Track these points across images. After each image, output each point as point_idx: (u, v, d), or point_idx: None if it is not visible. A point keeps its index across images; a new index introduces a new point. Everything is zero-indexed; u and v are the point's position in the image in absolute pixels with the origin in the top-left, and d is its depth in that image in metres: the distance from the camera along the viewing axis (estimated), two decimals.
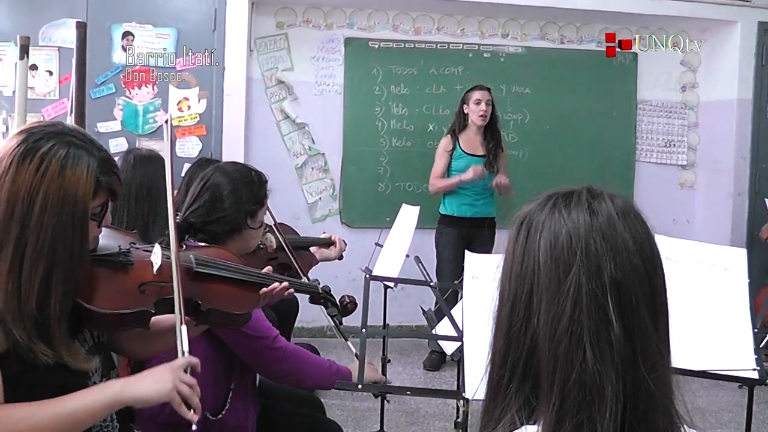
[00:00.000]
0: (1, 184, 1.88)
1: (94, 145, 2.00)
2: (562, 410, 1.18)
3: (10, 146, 1.92)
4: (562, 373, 1.19)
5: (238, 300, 2.38)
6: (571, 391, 1.18)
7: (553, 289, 1.22)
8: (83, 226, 1.94)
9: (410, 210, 4.64)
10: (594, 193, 1.29)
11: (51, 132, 1.95)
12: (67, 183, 1.90)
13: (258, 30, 6.91)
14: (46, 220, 1.86)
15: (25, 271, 1.85)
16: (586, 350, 1.18)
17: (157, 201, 3.56)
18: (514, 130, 7.25)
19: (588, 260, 1.21)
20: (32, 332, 1.84)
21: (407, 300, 6.55)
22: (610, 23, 7.27)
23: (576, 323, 1.19)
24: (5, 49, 6.14)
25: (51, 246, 1.87)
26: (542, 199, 1.33)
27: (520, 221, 1.33)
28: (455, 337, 2.99)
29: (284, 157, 7.01)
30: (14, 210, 1.86)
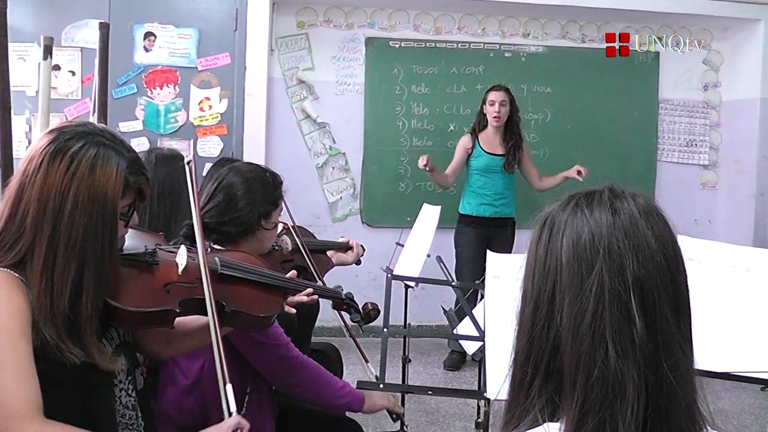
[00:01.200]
0: (32, 182, 1.90)
1: (123, 146, 2.02)
2: (584, 408, 1.19)
3: (41, 145, 1.94)
4: (585, 370, 1.19)
5: (262, 303, 2.39)
6: (593, 389, 1.18)
7: (576, 287, 1.22)
8: (113, 225, 1.96)
9: (431, 209, 4.62)
10: (616, 192, 1.30)
11: (81, 132, 1.97)
12: (97, 182, 1.92)
13: (279, 30, 6.93)
14: (77, 219, 1.89)
15: (57, 269, 1.87)
16: (608, 348, 1.18)
17: (179, 200, 3.57)
18: (534, 130, 7.24)
19: (611, 258, 1.21)
20: (63, 331, 1.86)
21: (427, 300, 6.54)
22: (632, 22, 7.24)
23: (599, 321, 1.19)
24: (28, 49, 6.19)
25: (82, 245, 1.89)
26: (564, 200, 1.33)
27: (542, 221, 1.34)
28: (477, 337, 2.99)
29: (305, 157, 7.02)
30: (46, 208, 1.88)
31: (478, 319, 3.05)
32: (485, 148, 6.19)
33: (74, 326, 1.89)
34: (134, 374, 2.27)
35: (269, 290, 2.46)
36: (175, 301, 2.11)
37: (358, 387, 2.92)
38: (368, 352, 6.17)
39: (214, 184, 2.96)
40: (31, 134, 6.20)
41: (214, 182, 2.98)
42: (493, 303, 2.74)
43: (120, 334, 2.18)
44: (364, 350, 3.64)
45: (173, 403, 2.82)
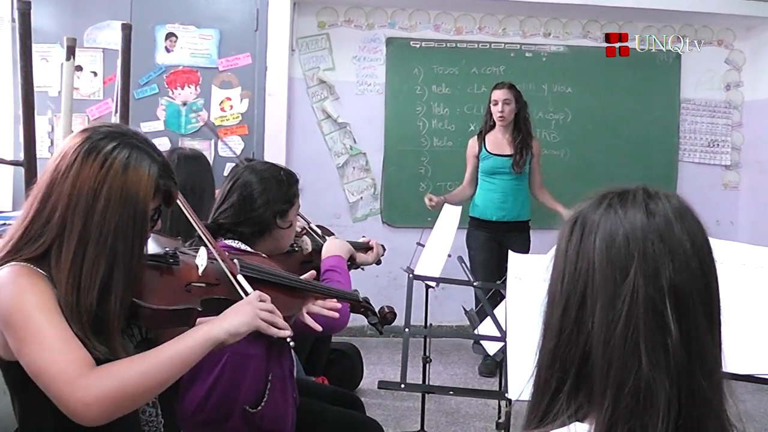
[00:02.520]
0: (63, 179, 1.92)
1: (154, 150, 2.05)
2: (614, 416, 1.17)
3: (74, 143, 1.96)
4: (616, 378, 1.17)
5: (282, 303, 2.40)
6: (624, 398, 1.16)
7: (609, 292, 1.20)
8: (143, 225, 1.98)
9: (452, 210, 4.63)
10: (650, 192, 1.27)
11: (114, 132, 2.00)
12: (130, 182, 1.94)
13: (300, 30, 6.94)
14: (109, 217, 1.91)
15: (86, 265, 1.88)
16: (641, 356, 1.16)
17: (201, 199, 3.59)
18: (555, 130, 7.21)
19: (646, 263, 1.19)
20: (88, 327, 1.87)
21: (447, 300, 6.54)
22: (653, 21, 7.21)
23: (632, 328, 1.17)
24: (51, 50, 6.23)
25: (113, 243, 1.91)
26: (596, 199, 1.30)
27: (573, 220, 1.30)
28: (498, 338, 2.98)
29: (325, 157, 7.03)
30: (77, 204, 1.90)
31: (499, 319, 3.05)
32: (491, 149, 6.09)
33: (100, 324, 1.90)
34: None
35: (288, 292, 2.50)
36: (196, 300, 2.15)
37: (380, 387, 2.91)
38: (388, 351, 6.21)
39: (229, 183, 2.97)
40: (53, 134, 6.24)
41: (229, 181, 2.98)
42: (514, 303, 2.74)
43: (141, 332, 2.20)
44: (384, 350, 3.64)
45: (195, 399, 2.83)
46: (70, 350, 1.79)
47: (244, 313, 2.05)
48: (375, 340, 6.53)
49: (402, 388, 2.80)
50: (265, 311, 2.08)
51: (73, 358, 1.79)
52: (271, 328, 2.09)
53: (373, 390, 5.56)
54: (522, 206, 6.15)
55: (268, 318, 2.08)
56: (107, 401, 1.75)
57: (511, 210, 6.09)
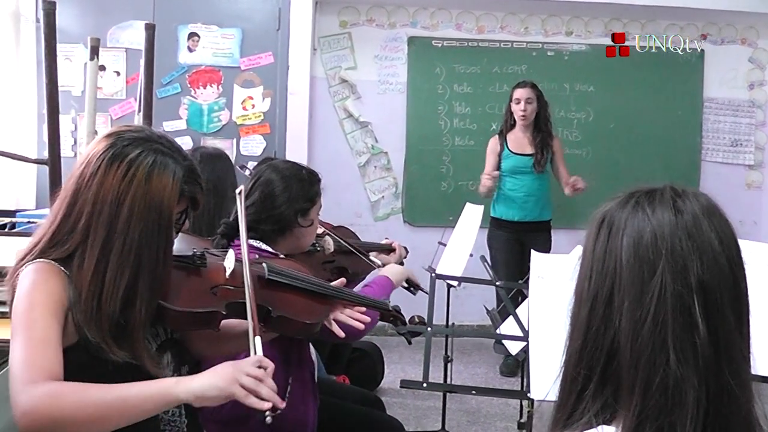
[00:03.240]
0: (88, 186, 1.92)
1: (180, 154, 2.04)
2: (642, 414, 1.16)
3: (98, 149, 1.96)
4: (644, 376, 1.17)
5: (308, 310, 2.39)
6: (652, 395, 1.16)
7: (637, 289, 1.19)
8: (168, 233, 1.98)
9: (474, 209, 4.61)
10: (678, 191, 1.27)
11: (139, 138, 1.99)
12: (154, 190, 1.94)
13: (321, 29, 6.95)
14: (133, 226, 1.91)
15: (109, 274, 1.88)
16: (669, 353, 1.15)
17: (223, 198, 3.60)
18: (577, 129, 7.19)
19: (674, 260, 1.18)
20: (108, 333, 1.88)
21: (469, 299, 6.53)
22: (676, 20, 7.16)
23: (660, 325, 1.17)
24: (74, 49, 6.26)
25: (137, 251, 1.91)
26: (623, 197, 1.30)
27: (600, 219, 1.30)
28: (520, 337, 2.98)
29: (347, 156, 7.04)
30: (101, 213, 1.90)
31: (521, 318, 3.04)
32: (513, 148, 6.07)
33: (124, 330, 1.91)
34: (180, 372, 2.28)
35: (316, 298, 2.46)
36: (221, 304, 2.13)
37: (402, 386, 2.92)
38: (410, 351, 6.20)
39: (251, 181, 2.98)
40: (76, 133, 6.28)
41: (251, 180, 2.99)
42: (537, 303, 2.74)
43: (166, 332, 2.20)
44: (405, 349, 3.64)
45: None
46: (40, 355, 1.76)
47: (221, 375, 1.83)
48: (396, 339, 6.52)
49: (424, 387, 2.80)
50: (251, 378, 1.84)
51: (37, 363, 1.75)
52: (251, 397, 1.85)
53: (394, 389, 5.57)
54: (543, 206, 6.13)
55: (249, 385, 1.83)
56: (38, 417, 1.68)
57: (532, 210, 6.07)
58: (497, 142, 6.16)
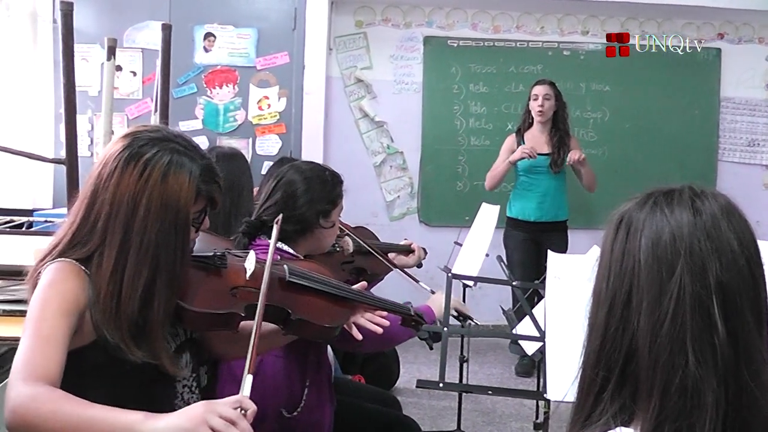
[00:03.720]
0: (105, 186, 1.93)
1: (197, 153, 2.04)
2: (660, 416, 1.16)
3: (115, 149, 1.96)
4: (663, 377, 1.16)
5: (329, 313, 2.37)
6: (671, 397, 1.15)
7: (655, 290, 1.19)
8: (185, 232, 1.98)
9: (490, 209, 4.61)
10: (696, 191, 1.26)
11: (156, 138, 1.99)
12: (170, 190, 1.94)
13: (337, 29, 6.95)
14: (149, 226, 1.91)
15: (127, 274, 1.89)
16: (688, 355, 1.15)
17: (239, 197, 3.61)
18: (593, 129, 7.17)
19: (692, 261, 1.18)
20: (127, 333, 1.88)
21: (484, 299, 6.52)
22: (693, 18, 7.13)
23: (679, 326, 1.16)
24: (90, 50, 6.29)
25: (154, 251, 1.91)
26: (641, 198, 1.29)
27: (618, 220, 1.29)
28: (537, 337, 2.98)
29: (363, 156, 7.05)
30: (118, 213, 1.90)
31: (537, 319, 3.04)
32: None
33: (142, 330, 1.92)
34: (199, 372, 2.29)
35: (337, 301, 2.44)
36: (240, 305, 2.12)
37: (418, 386, 2.92)
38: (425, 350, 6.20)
39: (273, 181, 2.97)
40: (92, 133, 6.31)
41: (273, 180, 2.98)
42: (553, 303, 2.73)
43: (185, 332, 2.20)
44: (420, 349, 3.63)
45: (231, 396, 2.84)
46: (41, 353, 1.76)
47: (188, 416, 1.70)
48: (411, 339, 6.52)
49: (440, 387, 2.80)
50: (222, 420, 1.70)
51: (36, 362, 1.75)
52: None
53: (409, 389, 5.57)
54: (560, 206, 6.10)
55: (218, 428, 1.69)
56: (19, 417, 1.67)
57: (549, 210, 6.04)
58: (513, 140, 6.13)
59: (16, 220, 4.37)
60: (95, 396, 1.89)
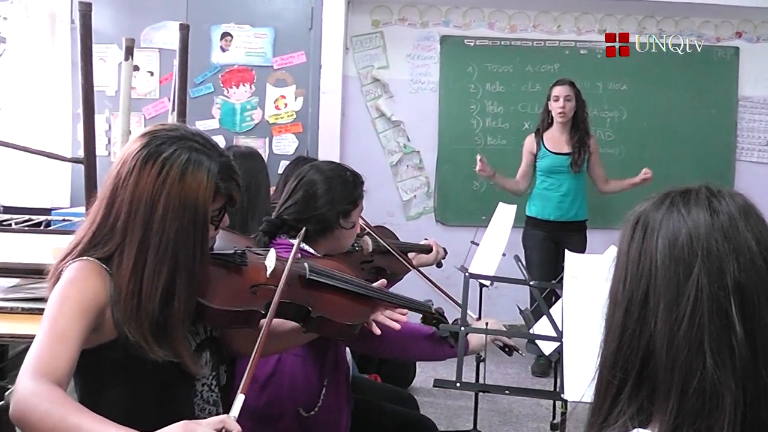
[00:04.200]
0: (124, 186, 1.93)
1: (215, 150, 2.03)
2: (678, 418, 1.15)
3: (133, 149, 1.96)
4: (680, 379, 1.15)
5: (349, 311, 2.38)
6: (689, 399, 1.15)
7: (672, 291, 1.18)
8: (204, 230, 1.98)
9: (507, 208, 4.60)
10: (713, 191, 1.25)
11: (173, 136, 1.99)
12: (188, 188, 1.93)
13: (354, 28, 6.96)
14: (168, 225, 1.91)
15: (147, 273, 1.89)
16: (706, 356, 1.14)
17: (256, 196, 3.62)
18: (610, 128, 7.14)
19: (710, 261, 1.17)
20: (147, 332, 1.89)
21: (501, 299, 6.51)
22: (711, 17, 7.09)
23: (696, 328, 1.15)
24: (108, 50, 6.31)
25: (174, 249, 1.92)
26: (658, 198, 1.28)
27: (635, 220, 1.29)
28: (554, 337, 2.97)
29: (379, 155, 7.05)
30: (137, 212, 1.91)
31: (555, 319, 3.03)
32: (550, 147, 6.03)
33: (164, 328, 1.92)
34: (219, 370, 2.30)
35: (357, 299, 2.44)
36: (261, 303, 2.12)
37: (435, 386, 2.91)
38: None
39: (294, 181, 2.98)
40: (110, 132, 6.34)
41: (294, 179, 2.99)
42: (571, 303, 2.72)
43: (205, 330, 2.21)
44: None
45: (249, 395, 2.85)
46: (53, 351, 1.75)
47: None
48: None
49: (457, 386, 2.79)
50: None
51: (46, 359, 1.74)
52: None
53: (426, 388, 5.57)
54: (579, 205, 6.09)
55: None
56: (19, 412, 1.66)
57: (568, 209, 6.03)
58: (533, 141, 6.13)
59: (34, 218, 4.39)
60: (114, 393, 1.90)
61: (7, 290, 3.06)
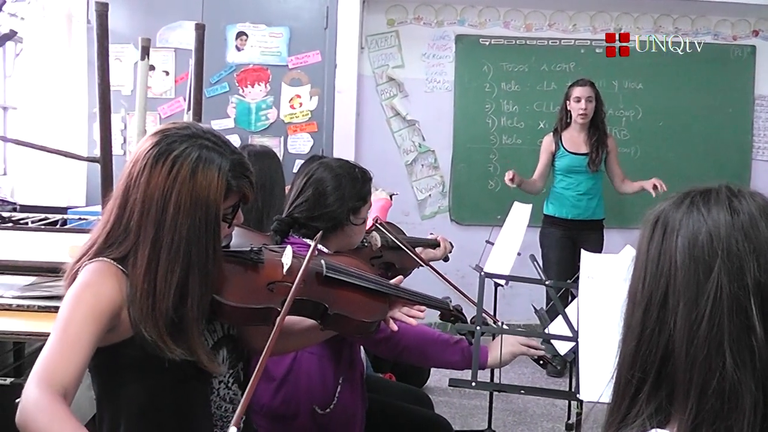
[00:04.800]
0: (136, 185, 1.93)
1: (227, 148, 2.02)
2: (697, 419, 1.15)
3: (145, 147, 1.96)
4: (700, 379, 1.15)
5: (366, 308, 2.36)
6: (708, 399, 1.14)
7: (692, 291, 1.17)
8: (216, 228, 1.97)
9: (522, 208, 4.60)
10: (733, 190, 1.24)
11: (185, 134, 1.98)
12: (198, 186, 1.93)
13: (369, 27, 6.96)
14: (180, 223, 1.90)
15: (160, 272, 1.89)
16: (725, 357, 1.13)
17: (271, 195, 3.63)
18: (626, 127, 7.12)
19: (730, 261, 1.16)
20: (164, 331, 1.89)
21: (515, 299, 6.51)
22: (728, 15, 7.06)
23: (716, 328, 1.14)
24: (124, 50, 6.34)
25: (186, 248, 1.91)
26: (678, 197, 1.28)
27: (654, 219, 1.28)
28: (570, 337, 2.96)
29: (394, 154, 7.05)
30: (149, 212, 1.90)
31: (570, 318, 3.02)
32: (568, 147, 6.02)
33: (179, 327, 1.92)
34: (236, 368, 2.30)
35: (374, 296, 2.43)
36: (278, 300, 2.10)
37: (450, 385, 2.90)
38: None
39: (303, 179, 2.98)
40: (126, 132, 6.36)
41: (303, 177, 2.99)
42: (586, 303, 2.71)
43: (223, 328, 2.22)
44: None
45: (265, 394, 2.86)
46: (62, 358, 1.75)
47: None
48: None
49: (473, 386, 2.78)
50: None
51: (55, 366, 1.73)
52: None
53: (440, 387, 5.57)
54: (597, 204, 6.09)
55: None
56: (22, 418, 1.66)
57: (586, 208, 6.04)
58: (552, 140, 6.11)
59: (50, 217, 4.41)
60: (132, 391, 1.91)
61: (23, 288, 3.08)
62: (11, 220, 4.16)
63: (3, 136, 5.81)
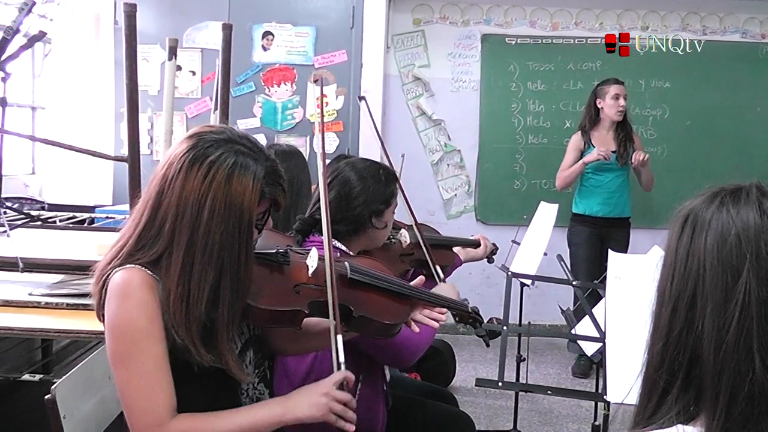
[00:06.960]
0: (171, 188, 1.93)
1: (262, 154, 2.02)
2: (728, 423, 1.13)
3: (180, 150, 1.96)
4: (729, 384, 1.13)
5: (390, 310, 2.37)
6: (739, 404, 1.12)
7: (720, 294, 1.16)
8: (249, 234, 1.97)
9: (549, 207, 4.59)
10: (763, 190, 1.22)
11: (221, 139, 1.98)
12: (233, 192, 1.93)
13: (395, 27, 6.96)
14: (214, 228, 1.90)
15: (194, 276, 1.89)
16: (755, 361, 1.12)
17: (297, 194, 3.64)
18: (653, 126, 7.07)
19: (758, 264, 1.14)
20: (196, 336, 1.90)
21: (541, 298, 6.49)
22: (756, 13, 7.00)
23: (745, 333, 1.13)
24: (151, 50, 6.39)
25: (219, 253, 1.91)
26: (707, 195, 1.26)
27: (683, 218, 1.26)
28: (597, 338, 2.95)
29: (420, 154, 7.04)
30: (184, 215, 1.91)
31: (597, 319, 3.01)
32: (597, 145, 5.97)
33: (210, 332, 1.93)
34: (263, 367, 2.31)
35: (397, 298, 2.43)
36: (304, 303, 2.12)
37: (477, 385, 2.90)
38: (481, 349, 6.18)
39: (329, 178, 2.97)
40: (152, 131, 6.41)
41: (329, 176, 2.98)
42: (614, 304, 2.70)
43: (250, 329, 2.22)
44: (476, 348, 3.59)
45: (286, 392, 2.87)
46: (159, 391, 1.85)
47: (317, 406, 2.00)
48: (468, 337, 6.52)
49: (499, 386, 2.79)
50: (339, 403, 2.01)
51: (159, 402, 1.85)
52: (341, 421, 2.00)
53: (466, 387, 5.57)
54: (625, 203, 6.08)
55: (339, 412, 1.99)
56: None
57: (615, 206, 6.02)
58: (580, 139, 6.10)
59: (78, 216, 4.45)
60: None
61: (52, 286, 3.10)
62: (40, 219, 4.20)
63: (32, 136, 5.86)
